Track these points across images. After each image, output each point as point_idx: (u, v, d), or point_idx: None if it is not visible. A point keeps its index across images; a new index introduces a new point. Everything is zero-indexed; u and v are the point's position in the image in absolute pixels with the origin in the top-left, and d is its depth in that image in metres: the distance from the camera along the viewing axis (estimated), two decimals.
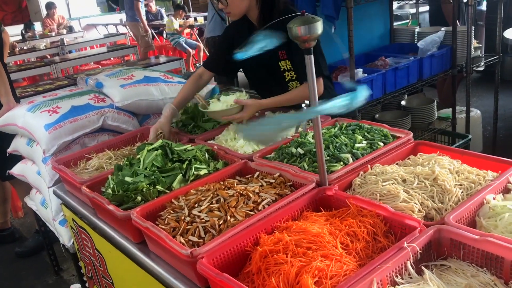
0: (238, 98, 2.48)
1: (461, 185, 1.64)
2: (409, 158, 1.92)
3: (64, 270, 3.77)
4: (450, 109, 4.24)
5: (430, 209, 1.55)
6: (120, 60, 8.36)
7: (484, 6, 7.01)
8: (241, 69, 2.91)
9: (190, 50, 9.00)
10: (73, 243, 2.60)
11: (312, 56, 1.56)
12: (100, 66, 7.70)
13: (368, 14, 4.14)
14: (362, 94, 1.46)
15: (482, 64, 4.27)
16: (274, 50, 2.52)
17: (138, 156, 2.06)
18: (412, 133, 2.06)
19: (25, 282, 3.76)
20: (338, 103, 1.44)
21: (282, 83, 2.64)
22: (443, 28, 4.01)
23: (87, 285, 2.73)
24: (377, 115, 4.04)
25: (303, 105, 2.25)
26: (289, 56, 2.56)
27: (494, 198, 1.54)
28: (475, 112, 4.43)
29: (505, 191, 1.61)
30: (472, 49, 3.87)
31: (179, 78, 3.09)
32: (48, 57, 8.52)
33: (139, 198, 1.83)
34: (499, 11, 3.99)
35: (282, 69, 2.62)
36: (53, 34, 10.59)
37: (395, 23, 4.72)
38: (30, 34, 10.16)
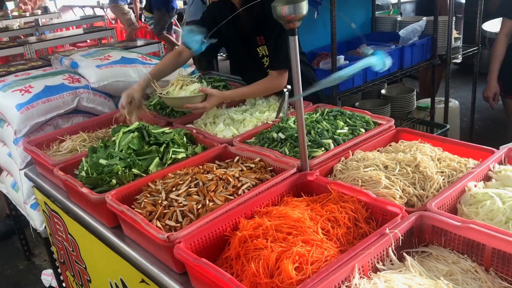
0: (202, 87, 2.33)
1: (442, 172, 1.63)
2: (390, 145, 1.91)
3: (36, 255, 3.68)
4: (429, 99, 4.27)
5: (411, 195, 1.54)
6: (97, 43, 8.15)
7: None
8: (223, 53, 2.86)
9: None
10: (45, 227, 2.53)
11: (296, 37, 1.52)
12: (76, 49, 7.49)
13: (350, 2, 4.11)
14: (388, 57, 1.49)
15: (459, 55, 4.30)
16: (253, 34, 2.51)
17: (113, 138, 1.99)
18: (393, 120, 2.04)
19: None
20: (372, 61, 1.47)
21: (262, 69, 2.57)
22: (424, 18, 4.01)
23: (59, 270, 2.66)
24: (357, 103, 4.04)
25: (284, 89, 2.21)
26: (267, 42, 2.50)
27: (475, 186, 1.53)
28: (454, 103, 4.47)
29: (486, 178, 1.61)
30: (453, 39, 3.89)
31: (157, 60, 3.01)
32: (22, 37, 8.25)
33: (114, 181, 1.77)
34: (480, 2, 4.01)
35: (260, 55, 2.55)
36: (27, 14, 10.26)
37: (376, 13, 4.70)
38: (2, 13, 9.82)
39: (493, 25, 4.79)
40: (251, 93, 2.49)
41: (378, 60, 1.57)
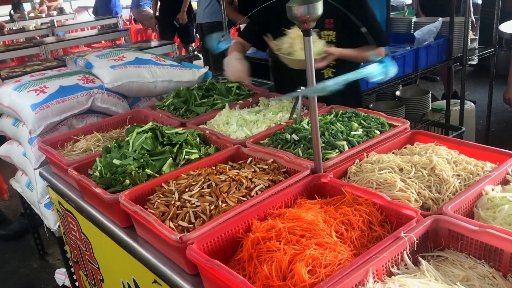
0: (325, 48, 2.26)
1: (459, 175, 1.60)
2: (405, 147, 1.88)
3: (50, 254, 3.71)
4: (444, 101, 4.22)
5: (427, 199, 1.51)
6: (112, 44, 8.22)
7: (479, 0, 6.98)
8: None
9: None
10: (58, 226, 2.54)
11: (311, 37, 1.51)
12: (90, 49, 7.56)
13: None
14: (393, 66, 1.46)
15: (475, 57, 4.24)
16: (321, 16, 2.29)
17: (127, 139, 1.99)
18: (409, 122, 2.01)
19: (8, 265, 3.69)
20: (373, 70, 1.44)
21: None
22: (440, 19, 3.97)
23: (72, 269, 2.68)
24: (371, 105, 4.00)
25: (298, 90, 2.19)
26: (337, 26, 2.38)
27: (492, 189, 1.50)
28: (469, 105, 4.41)
29: (504, 182, 1.58)
30: (469, 40, 3.84)
31: (171, 61, 3.01)
32: (38, 38, 8.35)
33: (127, 181, 1.77)
34: (497, 3, 3.96)
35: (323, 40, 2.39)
36: (43, 15, 10.38)
37: (391, 13, 4.67)
38: (19, 14, 9.94)
39: (510, 26, 4.71)
40: (360, 57, 2.45)
41: (380, 69, 1.53)
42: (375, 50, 2.42)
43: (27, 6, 10.91)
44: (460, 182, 1.57)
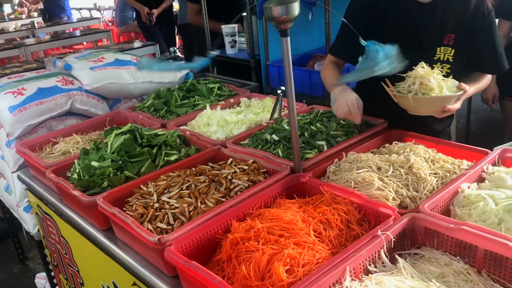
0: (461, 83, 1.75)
1: (436, 173, 1.62)
2: (384, 147, 1.90)
3: (30, 258, 3.66)
4: None
5: (404, 197, 1.53)
6: (93, 45, 8.14)
7: None
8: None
9: None
10: (38, 230, 2.51)
11: (288, 39, 1.51)
12: (72, 51, 7.47)
13: (346, 3, 4.10)
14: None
15: None
16: (441, 29, 1.92)
17: (105, 140, 1.98)
18: (387, 122, 2.03)
19: None
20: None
21: None
22: None
23: (52, 273, 2.65)
24: None
25: (278, 91, 2.20)
26: (458, 43, 1.95)
27: (468, 187, 1.52)
28: None
29: (480, 180, 1.60)
30: None
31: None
32: (18, 40, 8.23)
33: (105, 183, 1.76)
34: None
35: (436, 58, 1.98)
36: (24, 16, 10.24)
37: None
38: None
39: None
40: (480, 89, 2.04)
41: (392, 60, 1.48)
42: (489, 78, 2.06)
43: (7, 8, 10.76)
44: (437, 181, 1.59)
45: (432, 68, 1.75)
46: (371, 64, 1.51)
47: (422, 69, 1.73)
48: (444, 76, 1.75)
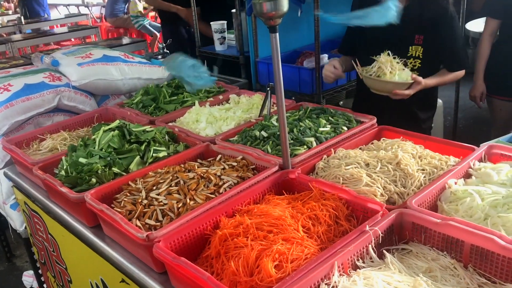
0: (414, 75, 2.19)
1: (423, 169, 1.64)
2: (372, 143, 1.91)
3: (17, 256, 3.62)
4: None
5: (392, 193, 1.54)
6: (81, 41, 8.08)
7: None
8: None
9: (156, 32, 8.79)
10: (25, 227, 2.49)
11: (277, 35, 1.51)
12: (60, 47, 7.40)
13: (335, 0, 4.11)
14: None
15: None
16: (412, 31, 2.34)
17: (93, 137, 1.96)
18: (376, 118, 2.04)
19: None
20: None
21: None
22: None
23: (40, 271, 2.62)
24: (341, 102, 4.03)
25: (268, 88, 2.20)
26: (426, 43, 2.35)
27: (455, 183, 1.54)
28: (438, 102, 4.49)
29: (467, 176, 1.61)
30: None
31: (140, 58, 2.98)
32: (4, 36, 8.13)
33: (93, 180, 1.75)
34: (462, 2, 4.04)
35: (409, 55, 2.38)
36: (10, 12, 10.12)
37: None
38: None
39: (476, 25, 4.83)
40: (444, 82, 2.42)
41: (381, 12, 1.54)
42: (456, 73, 2.42)
43: None
44: (424, 177, 1.61)
45: (406, 63, 2.29)
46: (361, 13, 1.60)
47: (384, 57, 2.19)
48: (413, 68, 2.33)
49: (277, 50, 1.52)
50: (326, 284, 1.15)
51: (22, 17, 8.46)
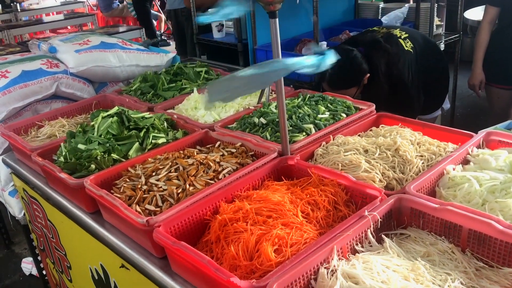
0: None
1: (422, 156, 1.64)
2: (371, 130, 1.92)
3: (16, 243, 3.64)
4: None
5: (391, 179, 1.55)
6: (78, 29, 8.02)
7: None
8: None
9: (161, 15, 8.80)
10: (24, 214, 2.49)
11: (277, 20, 1.50)
12: (56, 35, 7.35)
13: None
14: (330, 58, 1.42)
15: (442, 43, 4.31)
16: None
17: (92, 123, 1.96)
18: (374, 105, 2.04)
19: None
20: (305, 61, 1.39)
21: None
22: (406, 4, 4.01)
23: (39, 258, 2.63)
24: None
25: None
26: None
27: (454, 169, 1.54)
28: None
29: (465, 162, 1.62)
30: (435, 26, 3.90)
31: (138, 45, 2.97)
32: (0, 23, 8.07)
33: (93, 166, 1.75)
34: None
35: None
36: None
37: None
38: None
39: (474, 13, 4.82)
40: None
41: (324, 59, 1.48)
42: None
43: None
44: (423, 163, 1.61)
45: None
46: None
47: None
48: None
49: (277, 36, 1.51)
50: (325, 268, 1.16)
51: (18, 5, 8.38)
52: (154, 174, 1.64)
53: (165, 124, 2.04)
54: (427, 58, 2.71)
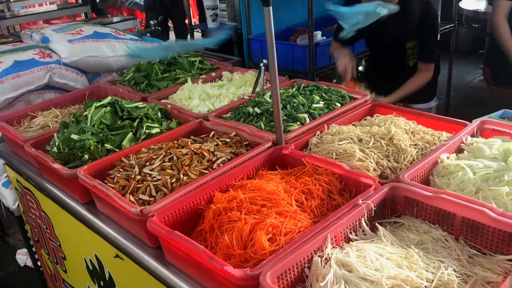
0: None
1: (416, 145, 1.64)
2: (365, 119, 1.91)
3: (10, 235, 3.63)
4: None
5: (385, 168, 1.55)
6: (71, 20, 7.94)
7: None
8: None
9: None
10: (18, 205, 2.48)
11: (271, 8, 1.49)
12: (49, 25, 7.28)
13: None
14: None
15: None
16: (406, 29, 2.50)
17: (85, 113, 1.95)
18: (369, 95, 2.04)
19: None
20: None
21: (402, 60, 2.67)
22: None
23: (33, 249, 2.63)
24: (334, 80, 4.02)
25: (261, 64, 2.18)
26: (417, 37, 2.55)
27: (448, 158, 1.55)
28: None
29: (459, 151, 1.62)
30: None
31: (131, 35, 2.94)
32: None
33: (86, 156, 1.74)
34: None
35: (407, 48, 2.61)
36: None
37: None
38: None
39: (470, 3, 4.81)
40: (408, 92, 2.54)
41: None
42: (424, 66, 2.55)
43: None
44: (417, 151, 1.61)
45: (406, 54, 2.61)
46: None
47: None
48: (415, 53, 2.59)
49: (271, 24, 1.50)
50: (319, 256, 1.17)
51: None
52: (148, 164, 1.63)
53: (159, 114, 2.03)
54: None
